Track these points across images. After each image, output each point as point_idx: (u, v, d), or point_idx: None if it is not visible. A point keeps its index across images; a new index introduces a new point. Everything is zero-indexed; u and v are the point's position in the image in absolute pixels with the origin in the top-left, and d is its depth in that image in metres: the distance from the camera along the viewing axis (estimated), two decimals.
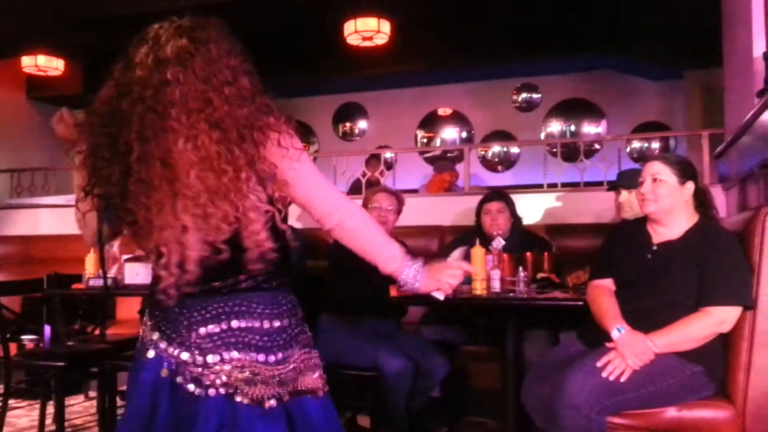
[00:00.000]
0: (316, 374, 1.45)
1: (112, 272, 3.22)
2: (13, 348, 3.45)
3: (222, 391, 1.34)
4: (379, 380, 2.83)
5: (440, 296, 1.57)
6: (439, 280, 1.53)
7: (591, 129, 8.56)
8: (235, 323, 1.35)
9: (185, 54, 1.32)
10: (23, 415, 3.81)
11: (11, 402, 3.50)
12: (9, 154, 7.65)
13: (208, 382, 1.33)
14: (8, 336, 3.38)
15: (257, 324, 1.36)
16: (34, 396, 3.83)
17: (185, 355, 1.35)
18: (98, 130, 1.33)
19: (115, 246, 3.04)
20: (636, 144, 8.26)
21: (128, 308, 4.09)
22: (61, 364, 3.13)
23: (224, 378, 1.33)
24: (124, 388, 1.18)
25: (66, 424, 3.20)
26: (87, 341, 3.66)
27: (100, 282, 3.13)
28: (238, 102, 1.32)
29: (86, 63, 7.53)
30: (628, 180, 3.25)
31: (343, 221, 1.45)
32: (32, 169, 6.16)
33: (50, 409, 3.40)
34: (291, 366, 1.39)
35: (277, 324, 1.38)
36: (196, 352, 1.34)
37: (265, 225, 1.32)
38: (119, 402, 3.20)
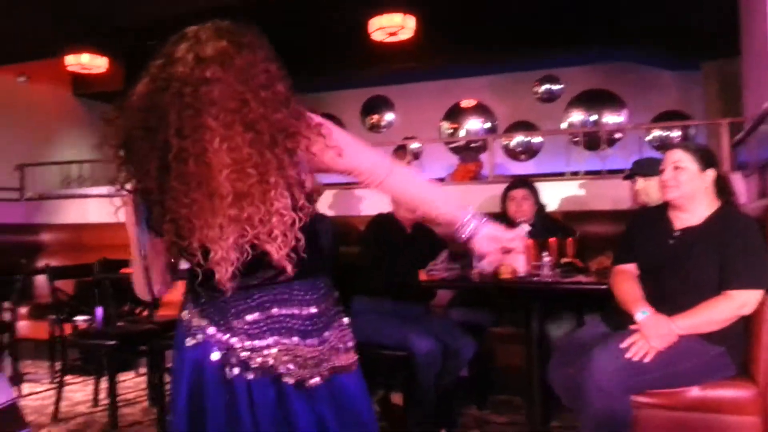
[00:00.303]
0: (350, 352, 1.48)
1: None
2: (67, 328, 3.64)
3: (269, 372, 1.38)
4: (409, 360, 2.91)
5: (489, 267, 1.54)
6: (498, 240, 1.51)
7: (612, 119, 8.56)
8: (275, 310, 1.39)
9: (225, 55, 1.31)
10: (78, 390, 3.99)
11: (67, 378, 3.70)
12: (59, 148, 7.90)
13: (255, 365, 1.37)
14: (63, 317, 3.60)
15: (296, 311, 1.40)
16: (88, 372, 3.99)
17: (234, 340, 1.38)
18: (136, 124, 1.33)
19: None
20: (656, 133, 8.26)
21: (174, 291, 4.25)
22: (113, 343, 3.28)
23: (271, 361, 1.37)
24: (171, 365, 1.24)
25: (118, 398, 3.35)
26: (136, 322, 3.80)
27: None
28: (273, 106, 1.31)
29: (127, 61, 7.72)
30: (643, 168, 3.34)
31: (392, 171, 1.45)
32: (80, 162, 6.37)
33: (103, 384, 3.58)
34: (328, 346, 1.43)
35: (314, 309, 1.42)
36: (244, 337, 1.38)
37: (285, 230, 1.30)
38: (167, 378, 3.35)
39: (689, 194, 2.37)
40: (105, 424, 3.30)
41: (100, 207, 5.61)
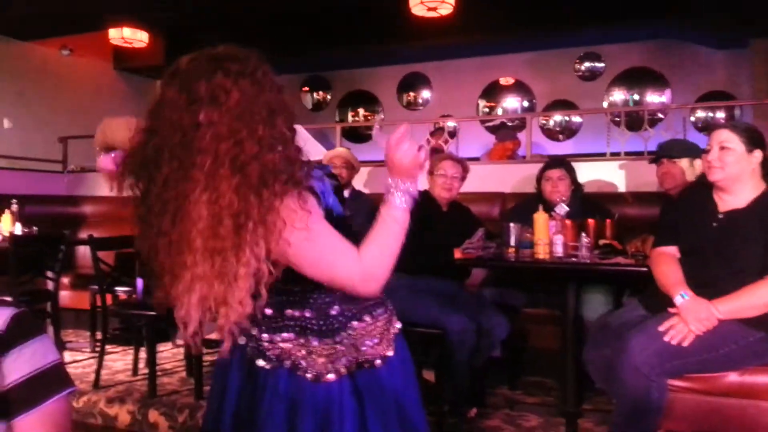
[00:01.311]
0: (377, 342, 1.42)
1: None
2: (108, 299, 3.72)
3: (286, 365, 1.37)
4: (442, 338, 2.92)
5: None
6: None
7: (655, 98, 8.37)
8: (288, 312, 1.38)
9: (220, 90, 1.22)
10: (119, 359, 4.11)
11: (108, 347, 3.82)
12: (98, 121, 8.03)
13: (273, 357, 1.37)
14: (104, 288, 3.69)
15: (309, 314, 1.38)
16: (127, 342, 4.13)
17: (254, 330, 1.38)
18: (136, 176, 1.28)
19: None
20: (701, 113, 8.07)
21: None
22: (152, 313, 3.34)
23: (287, 354, 1.37)
24: (206, 336, 1.27)
25: (156, 368, 3.43)
26: None
27: None
28: (269, 144, 1.22)
29: (168, 35, 7.82)
30: (669, 150, 3.26)
31: (369, 276, 1.31)
32: None
33: (142, 354, 3.68)
34: (348, 342, 1.39)
35: (334, 311, 1.38)
36: (263, 328, 1.38)
37: (250, 288, 1.22)
38: (204, 350, 3.45)
39: (735, 176, 2.32)
40: (144, 392, 3.38)
41: None
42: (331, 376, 1.37)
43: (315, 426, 1.36)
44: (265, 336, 1.39)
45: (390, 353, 1.44)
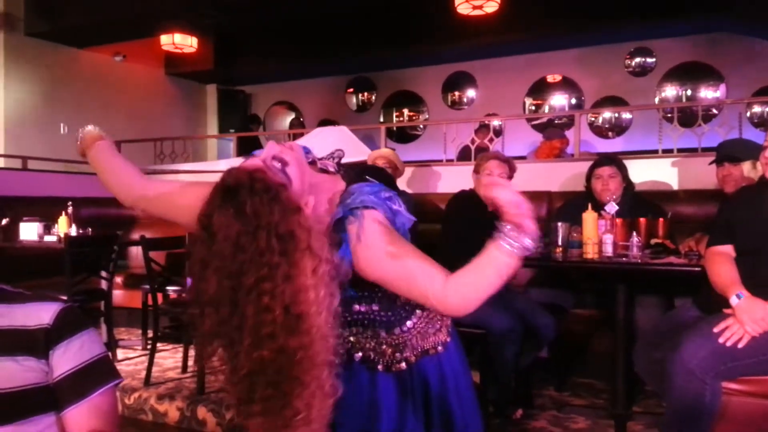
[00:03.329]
0: (438, 329, 1.48)
1: None
2: (159, 298, 3.79)
3: (357, 356, 1.44)
4: (487, 338, 2.88)
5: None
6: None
7: (708, 93, 8.14)
8: (356, 307, 1.43)
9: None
10: (169, 356, 4.20)
11: (159, 345, 3.90)
12: (151, 125, 8.29)
13: (343, 351, 1.39)
14: (156, 287, 3.77)
15: (376, 307, 1.43)
16: (177, 340, 4.21)
17: None
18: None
19: None
20: (757, 108, 7.80)
21: None
22: None
23: (358, 347, 1.45)
24: None
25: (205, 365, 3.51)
26: None
27: None
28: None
29: (216, 40, 8.01)
30: (731, 152, 3.14)
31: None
32: (172, 138, 6.63)
33: (191, 352, 3.73)
34: (414, 332, 1.45)
35: (396, 301, 1.43)
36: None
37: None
38: None
39: None
40: (193, 389, 3.45)
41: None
42: (402, 365, 1.44)
43: (389, 416, 1.42)
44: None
45: (449, 339, 1.50)
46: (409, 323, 1.45)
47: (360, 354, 1.45)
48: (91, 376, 1.23)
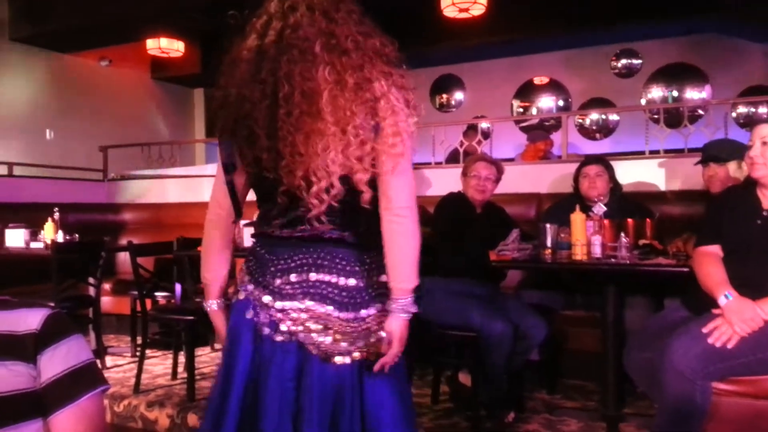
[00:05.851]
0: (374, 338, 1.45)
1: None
2: (148, 304, 3.77)
3: (295, 338, 1.39)
4: (479, 341, 2.88)
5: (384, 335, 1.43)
6: (394, 332, 1.41)
7: (694, 94, 8.20)
8: (313, 276, 1.39)
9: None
10: (158, 363, 4.15)
11: (148, 352, 3.86)
12: (138, 130, 8.24)
13: (284, 328, 1.39)
14: (144, 293, 3.74)
15: (335, 279, 1.39)
16: (167, 346, 4.18)
17: (267, 298, 1.41)
18: (247, 77, 1.40)
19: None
20: (742, 109, 7.86)
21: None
22: (191, 318, 3.38)
23: (299, 326, 1.39)
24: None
25: (195, 372, 3.47)
26: None
27: None
28: (365, 33, 1.52)
29: (203, 45, 7.96)
30: (716, 152, 3.15)
31: (396, 222, 1.39)
32: (160, 143, 6.60)
33: (181, 358, 3.72)
34: (365, 326, 1.41)
35: (353, 282, 1.40)
36: (277, 296, 1.40)
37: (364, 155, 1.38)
38: None
39: None
40: (183, 396, 3.42)
41: (178, 187, 5.82)
42: (341, 359, 1.40)
43: (322, 408, 1.37)
44: (278, 304, 1.40)
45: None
46: (364, 312, 1.42)
47: (301, 336, 1.40)
48: (78, 382, 1.22)
